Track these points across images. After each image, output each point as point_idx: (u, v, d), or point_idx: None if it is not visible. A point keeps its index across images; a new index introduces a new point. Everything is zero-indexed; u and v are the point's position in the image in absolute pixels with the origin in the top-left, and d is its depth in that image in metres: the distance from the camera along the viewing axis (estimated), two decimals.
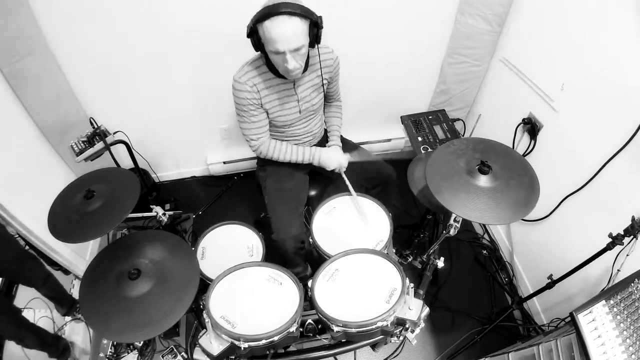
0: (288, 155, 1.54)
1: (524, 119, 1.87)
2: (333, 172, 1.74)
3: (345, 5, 1.94)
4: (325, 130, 1.74)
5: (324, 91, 1.56)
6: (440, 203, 1.13)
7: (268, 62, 1.37)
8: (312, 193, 1.76)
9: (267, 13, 1.17)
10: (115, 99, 2.12)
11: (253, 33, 1.25)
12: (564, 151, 1.66)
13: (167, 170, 2.65)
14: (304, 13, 1.19)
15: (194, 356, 1.26)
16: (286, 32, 1.18)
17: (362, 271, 1.25)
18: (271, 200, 1.58)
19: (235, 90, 1.39)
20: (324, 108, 1.70)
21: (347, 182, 1.54)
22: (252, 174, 2.65)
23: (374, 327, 1.11)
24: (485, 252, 2.25)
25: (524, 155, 1.88)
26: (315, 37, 1.27)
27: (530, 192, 1.15)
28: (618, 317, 1.04)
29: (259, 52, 1.37)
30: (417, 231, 2.07)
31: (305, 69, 1.40)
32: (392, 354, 1.55)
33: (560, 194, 1.64)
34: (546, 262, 1.81)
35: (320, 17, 1.25)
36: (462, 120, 2.51)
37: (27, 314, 1.86)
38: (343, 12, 1.94)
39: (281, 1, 1.17)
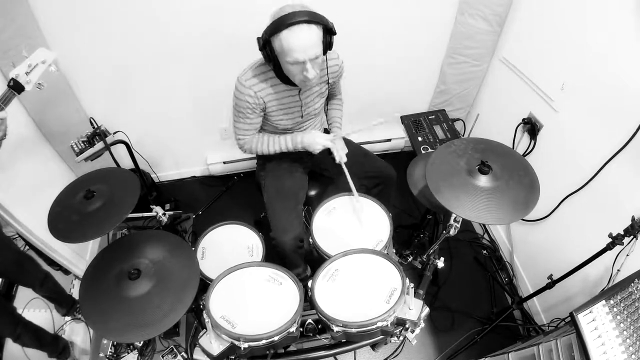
0: (272, 146, 1.51)
1: (524, 119, 1.87)
2: (333, 173, 1.75)
3: (345, 5, 1.94)
4: (326, 130, 1.74)
5: (327, 95, 1.56)
6: (440, 203, 1.13)
7: (276, 69, 1.34)
8: (312, 193, 1.75)
9: (283, 23, 1.14)
10: (115, 99, 2.13)
11: (266, 45, 1.22)
12: (564, 151, 1.66)
13: (167, 170, 2.65)
14: (321, 21, 1.18)
15: (194, 356, 1.26)
16: (305, 41, 1.17)
17: (362, 271, 1.25)
18: (270, 199, 1.58)
19: (238, 92, 1.38)
20: (325, 104, 1.70)
21: (349, 178, 1.49)
22: (252, 174, 2.64)
23: (374, 327, 1.11)
24: (485, 252, 2.25)
25: (524, 155, 1.88)
26: (327, 44, 1.25)
27: (530, 193, 1.15)
28: (618, 317, 1.04)
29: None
30: (417, 231, 2.07)
31: None
32: (392, 354, 1.55)
33: (560, 194, 1.64)
34: (546, 262, 1.81)
35: (332, 23, 1.24)
36: (462, 120, 2.51)
37: (27, 314, 1.86)
38: (343, 12, 1.93)
39: (295, 10, 1.15)
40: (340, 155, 1.49)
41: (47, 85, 1.30)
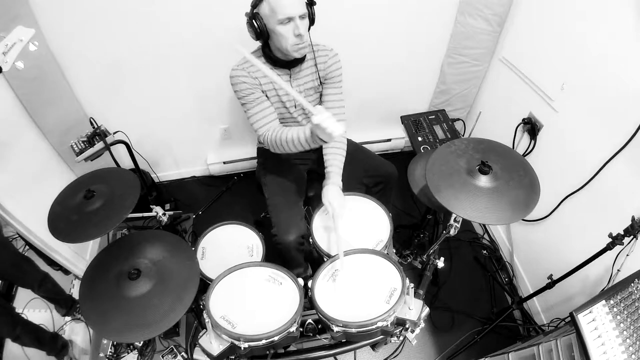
0: (289, 132, 1.32)
1: (524, 119, 1.87)
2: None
3: (345, 5, 1.94)
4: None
5: (320, 91, 1.54)
6: (440, 202, 1.13)
7: (265, 54, 1.39)
8: (312, 193, 1.75)
9: None
10: (115, 99, 2.13)
11: (254, 17, 1.26)
12: (564, 151, 1.66)
13: (167, 170, 2.65)
14: None
15: (194, 356, 1.26)
16: None
17: (362, 271, 1.25)
18: (271, 196, 1.58)
19: (233, 78, 1.37)
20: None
21: (339, 233, 1.32)
22: (252, 174, 2.65)
23: (374, 327, 1.11)
24: (485, 252, 2.25)
25: (524, 155, 1.88)
26: (310, 17, 1.31)
27: (531, 193, 1.15)
28: (618, 317, 1.04)
29: (255, 47, 1.37)
30: (417, 231, 2.07)
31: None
32: (392, 354, 1.55)
33: (560, 194, 1.64)
34: (546, 262, 1.81)
35: None
36: (462, 120, 2.51)
37: (27, 314, 1.86)
38: (343, 12, 1.94)
39: None
40: (334, 207, 1.36)
41: (26, 67, 1.24)
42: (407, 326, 1.19)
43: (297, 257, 1.57)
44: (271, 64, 1.40)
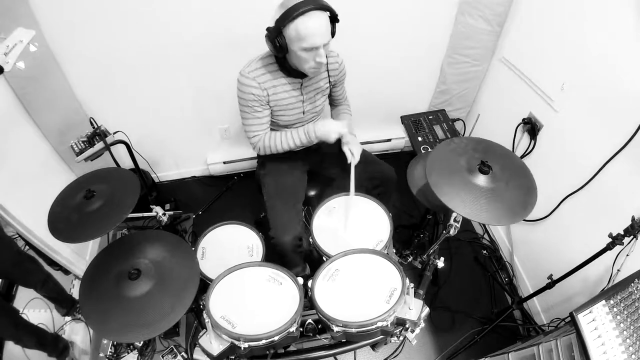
0: (285, 142, 1.48)
1: (524, 119, 1.87)
2: (333, 173, 1.74)
3: (345, 5, 1.93)
4: None
5: (328, 94, 1.57)
6: (439, 202, 1.13)
7: (278, 61, 1.38)
8: (312, 193, 1.75)
9: (297, 9, 1.17)
10: (115, 99, 2.13)
11: (278, 34, 1.24)
12: (564, 151, 1.66)
13: (167, 170, 2.65)
14: (329, 7, 1.24)
15: (194, 356, 1.26)
16: (321, 26, 1.21)
17: (362, 271, 1.25)
18: (269, 197, 1.58)
19: (242, 84, 1.37)
20: (332, 111, 1.72)
21: (352, 178, 1.45)
22: (252, 174, 2.64)
23: (374, 327, 1.10)
24: (485, 252, 2.25)
25: (524, 155, 1.88)
26: (332, 33, 1.30)
27: (528, 195, 1.15)
28: (618, 317, 1.04)
29: (267, 50, 1.37)
30: (417, 231, 2.07)
31: None
32: (392, 354, 1.55)
33: (560, 194, 1.64)
34: (546, 262, 1.81)
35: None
36: (462, 120, 2.51)
37: (27, 314, 1.86)
38: (343, 12, 1.93)
39: None
40: (354, 155, 1.46)
41: (26, 67, 1.25)
42: (407, 326, 1.19)
43: (295, 258, 1.58)
44: (285, 73, 1.40)
